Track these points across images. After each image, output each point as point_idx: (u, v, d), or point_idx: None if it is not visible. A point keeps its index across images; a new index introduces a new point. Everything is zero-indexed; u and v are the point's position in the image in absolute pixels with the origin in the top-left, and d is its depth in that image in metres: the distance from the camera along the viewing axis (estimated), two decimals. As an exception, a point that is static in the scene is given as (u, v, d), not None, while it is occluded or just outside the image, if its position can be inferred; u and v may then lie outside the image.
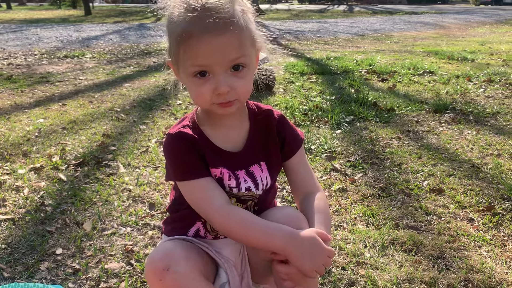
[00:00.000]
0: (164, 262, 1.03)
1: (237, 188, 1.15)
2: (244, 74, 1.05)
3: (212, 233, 1.22)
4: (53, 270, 1.70)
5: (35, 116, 3.74)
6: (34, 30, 11.82)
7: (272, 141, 1.22)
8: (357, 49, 8.81)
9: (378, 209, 2.17)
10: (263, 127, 1.21)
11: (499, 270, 1.68)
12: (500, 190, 2.34)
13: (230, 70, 1.03)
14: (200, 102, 1.07)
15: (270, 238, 1.05)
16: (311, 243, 1.04)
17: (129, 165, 2.70)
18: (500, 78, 5.32)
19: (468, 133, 3.30)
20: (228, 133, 1.17)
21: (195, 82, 1.04)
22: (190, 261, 1.06)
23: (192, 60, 1.01)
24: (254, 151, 1.19)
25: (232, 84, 1.03)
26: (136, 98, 4.49)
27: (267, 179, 1.20)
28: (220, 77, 1.02)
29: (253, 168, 1.18)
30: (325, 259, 1.04)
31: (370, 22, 16.46)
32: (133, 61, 7.14)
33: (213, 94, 1.03)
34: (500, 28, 14.28)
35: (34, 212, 2.13)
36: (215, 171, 1.13)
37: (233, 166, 1.15)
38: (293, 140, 1.25)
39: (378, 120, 3.63)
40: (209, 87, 1.02)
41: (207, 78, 1.03)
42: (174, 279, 1.02)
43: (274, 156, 1.22)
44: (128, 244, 1.86)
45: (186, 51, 1.00)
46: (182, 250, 1.08)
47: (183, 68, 1.05)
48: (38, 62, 6.92)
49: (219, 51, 0.99)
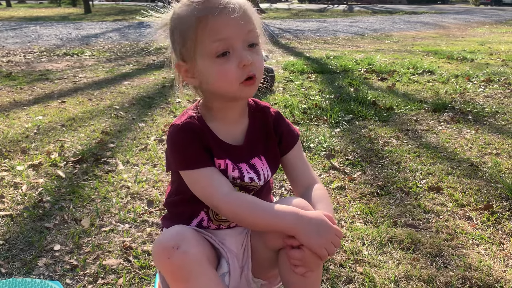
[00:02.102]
0: (175, 241, 1.03)
1: (240, 179, 1.18)
2: (258, 50, 1.11)
3: (215, 223, 1.24)
4: (51, 266, 1.70)
5: (34, 113, 3.74)
6: (33, 28, 11.80)
7: (269, 137, 1.25)
8: (356, 48, 8.81)
9: (377, 207, 2.17)
10: (261, 123, 1.25)
11: (496, 268, 1.68)
12: (498, 189, 2.34)
13: (246, 46, 1.08)
14: (225, 82, 1.09)
15: (278, 219, 1.06)
16: (318, 222, 1.06)
17: (128, 163, 2.70)
18: (499, 78, 5.33)
19: (467, 132, 3.31)
20: (229, 127, 1.20)
21: (217, 63, 1.07)
22: (200, 244, 1.07)
23: (212, 36, 1.05)
24: (254, 145, 1.22)
25: (252, 57, 1.08)
26: (135, 96, 4.49)
27: (268, 171, 1.24)
28: (241, 50, 1.07)
29: (254, 160, 1.21)
30: (333, 237, 1.06)
31: (369, 22, 16.46)
32: (132, 59, 7.13)
33: (238, 69, 1.07)
34: (500, 28, 14.28)
35: (32, 208, 2.13)
36: (220, 161, 1.16)
37: (236, 158, 1.18)
38: (290, 136, 1.28)
39: (377, 119, 3.63)
40: (233, 62, 1.07)
41: (228, 57, 1.07)
42: (182, 259, 1.02)
43: (272, 150, 1.25)
44: (126, 241, 1.86)
45: (205, 30, 1.05)
46: (192, 233, 1.09)
47: (202, 53, 1.07)
48: (37, 59, 6.91)
49: (237, 22, 1.05)
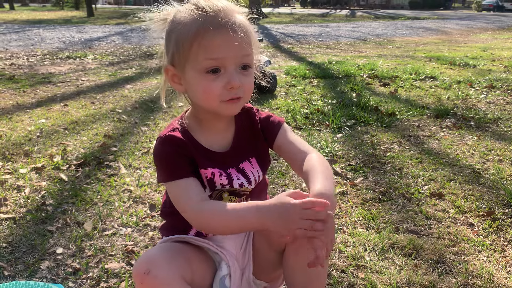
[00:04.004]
0: (146, 266, 1.06)
1: (229, 185, 1.19)
2: (250, 74, 1.12)
3: None
4: (53, 269, 1.70)
5: (37, 116, 3.75)
6: (36, 31, 11.86)
7: (258, 136, 1.26)
8: (359, 53, 8.82)
9: (379, 213, 2.18)
10: (248, 125, 1.26)
11: (498, 275, 1.68)
12: (500, 196, 2.34)
13: (238, 68, 1.09)
14: (208, 98, 1.09)
15: (245, 220, 1.05)
16: (278, 206, 1.01)
17: (130, 166, 2.71)
18: (501, 84, 5.33)
19: (469, 139, 3.31)
20: (216, 135, 1.21)
21: (206, 79, 1.07)
22: (172, 265, 1.08)
23: (207, 54, 1.05)
24: (242, 149, 1.23)
25: (241, 80, 1.08)
26: (137, 99, 4.50)
27: (259, 173, 1.24)
28: (232, 71, 1.07)
29: (242, 165, 1.22)
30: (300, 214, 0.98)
31: (372, 27, 16.49)
32: (135, 62, 7.16)
33: (224, 90, 1.07)
34: (502, 34, 14.30)
35: (35, 211, 2.14)
36: (206, 172, 1.16)
37: (224, 165, 1.19)
38: (270, 127, 1.26)
39: (379, 125, 3.63)
40: (220, 81, 1.07)
41: (218, 74, 1.07)
42: (152, 284, 1.05)
43: (262, 150, 1.27)
44: (129, 245, 1.87)
45: (200, 45, 1.04)
46: (165, 255, 1.10)
47: (193, 66, 1.07)
48: (40, 62, 6.94)
49: (234, 45, 1.05)
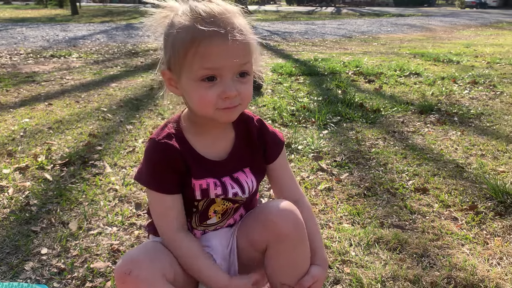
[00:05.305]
0: (127, 266, 1.06)
1: (224, 195, 1.18)
2: (248, 81, 1.09)
3: (200, 228, 1.24)
4: (38, 270, 1.68)
5: (21, 116, 3.71)
6: (19, 29, 11.69)
7: (254, 147, 1.24)
8: (344, 50, 8.87)
9: (364, 208, 2.20)
10: (246, 134, 1.24)
11: (481, 267, 1.71)
12: (483, 190, 2.37)
13: (236, 76, 1.06)
14: (203, 106, 1.07)
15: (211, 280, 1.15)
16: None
17: (116, 165, 2.69)
18: (484, 80, 5.41)
19: (453, 134, 3.35)
20: (213, 142, 1.19)
21: (201, 86, 1.04)
22: (154, 265, 1.08)
23: (202, 63, 1.02)
24: (238, 158, 1.21)
25: (238, 88, 1.06)
26: (123, 98, 4.47)
27: (253, 182, 1.23)
28: (228, 81, 1.04)
29: (237, 174, 1.21)
30: None
31: (357, 24, 16.58)
32: (120, 61, 7.10)
33: (219, 98, 1.05)
34: (485, 31, 14.49)
35: (19, 212, 2.11)
36: (201, 182, 1.15)
37: (219, 174, 1.18)
38: (274, 145, 1.28)
39: (364, 121, 3.66)
40: (215, 90, 1.04)
41: (214, 82, 1.04)
42: (135, 283, 1.05)
43: (257, 161, 1.25)
44: (114, 244, 1.86)
45: (196, 54, 1.01)
46: (147, 254, 1.10)
47: (189, 73, 1.05)
48: (23, 61, 6.84)
49: (230, 54, 1.02)
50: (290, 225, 1.13)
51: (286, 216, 1.14)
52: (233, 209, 1.25)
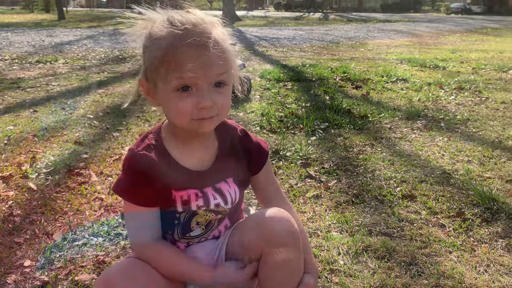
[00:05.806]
0: (103, 286, 1.06)
1: (205, 206, 1.17)
2: (225, 91, 1.08)
3: (183, 241, 1.22)
4: (20, 283, 1.65)
5: (5, 123, 3.65)
6: (4, 35, 11.56)
7: (238, 157, 1.23)
8: (332, 56, 8.91)
9: (352, 215, 2.19)
10: (229, 144, 1.23)
11: (468, 275, 1.71)
12: (470, 196, 2.39)
13: (212, 86, 1.05)
14: (179, 117, 1.07)
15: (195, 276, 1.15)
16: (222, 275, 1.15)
17: (102, 174, 2.66)
18: (470, 85, 5.47)
19: (440, 140, 3.37)
20: (194, 152, 1.18)
21: (177, 96, 1.04)
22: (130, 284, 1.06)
23: (177, 73, 1.02)
24: (221, 169, 1.20)
25: (214, 99, 1.05)
26: (109, 104, 4.42)
27: (236, 193, 1.22)
28: (204, 91, 1.04)
29: (219, 185, 1.19)
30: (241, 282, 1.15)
31: (345, 30, 16.70)
32: (107, 66, 7.04)
33: (195, 109, 1.04)
34: (470, 36, 14.70)
35: (2, 222, 2.07)
36: (182, 194, 1.14)
37: (200, 184, 1.16)
38: (259, 154, 1.27)
39: (352, 127, 3.67)
40: (191, 101, 1.04)
41: (189, 92, 1.04)
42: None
43: (241, 171, 1.24)
44: (100, 255, 1.83)
45: (170, 64, 1.01)
46: (125, 274, 1.08)
47: (164, 83, 1.05)
48: (8, 67, 6.76)
49: (205, 65, 1.02)
50: (287, 233, 1.12)
51: (282, 225, 1.13)
52: (216, 220, 1.23)
